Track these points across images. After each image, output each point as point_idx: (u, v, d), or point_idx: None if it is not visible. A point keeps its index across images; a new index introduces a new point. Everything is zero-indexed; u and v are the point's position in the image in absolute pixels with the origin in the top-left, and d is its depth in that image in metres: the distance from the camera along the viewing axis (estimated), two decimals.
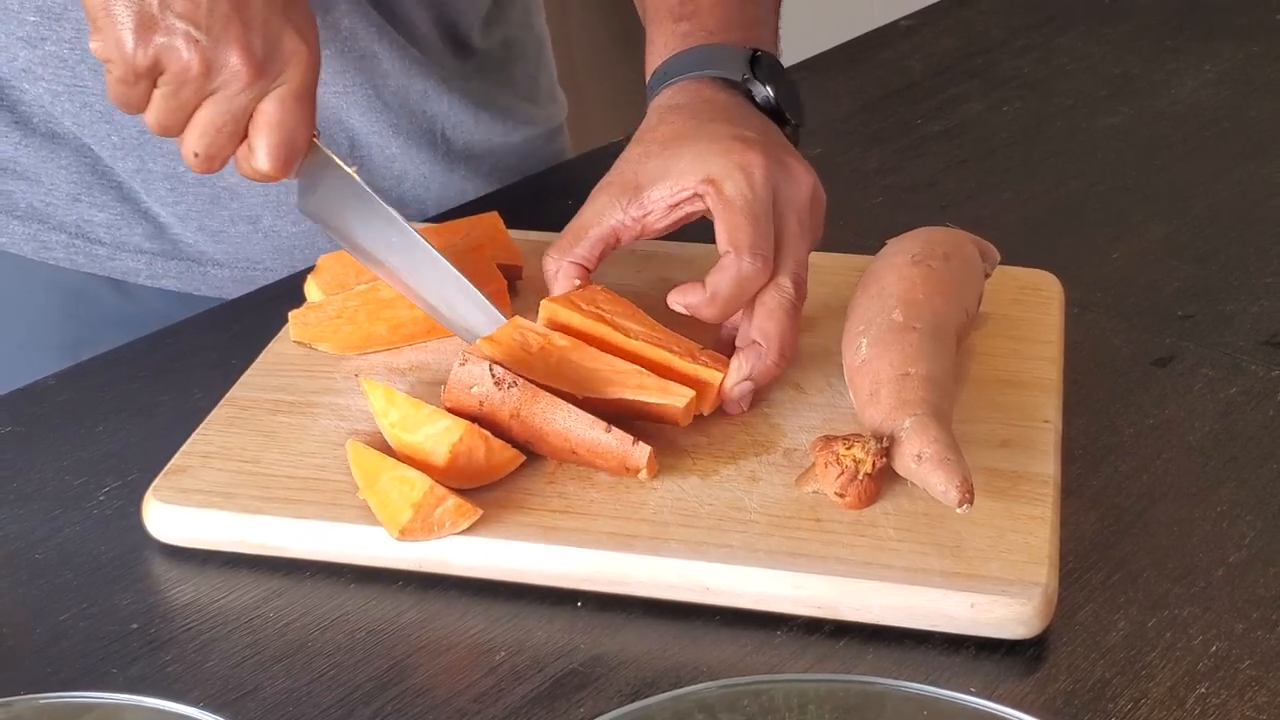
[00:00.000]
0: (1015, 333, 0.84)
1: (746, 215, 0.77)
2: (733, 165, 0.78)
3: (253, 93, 0.74)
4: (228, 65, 0.73)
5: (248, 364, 0.82)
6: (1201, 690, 0.64)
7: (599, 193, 0.81)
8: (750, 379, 0.76)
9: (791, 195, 0.79)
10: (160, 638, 0.67)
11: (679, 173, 0.79)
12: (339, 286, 0.85)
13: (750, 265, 0.76)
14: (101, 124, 0.96)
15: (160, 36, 0.72)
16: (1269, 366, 0.84)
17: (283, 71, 0.75)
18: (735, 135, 0.80)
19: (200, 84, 0.73)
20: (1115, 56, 1.25)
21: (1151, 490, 0.75)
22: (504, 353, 0.75)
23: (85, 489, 0.76)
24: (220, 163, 0.77)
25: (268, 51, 0.74)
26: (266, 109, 0.75)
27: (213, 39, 0.72)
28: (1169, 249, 0.97)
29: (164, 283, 1.00)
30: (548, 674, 0.65)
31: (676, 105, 0.84)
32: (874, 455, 0.70)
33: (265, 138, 0.75)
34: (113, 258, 0.99)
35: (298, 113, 0.75)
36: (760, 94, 0.85)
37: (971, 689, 0.64)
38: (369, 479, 0.70)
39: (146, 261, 1.00)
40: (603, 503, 0.71)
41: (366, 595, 0.69)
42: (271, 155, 0.76)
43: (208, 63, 0.73)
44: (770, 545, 0.69)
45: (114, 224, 0.98)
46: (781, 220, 0.78)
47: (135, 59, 0.73)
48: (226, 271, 1.01)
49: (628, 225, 0.80)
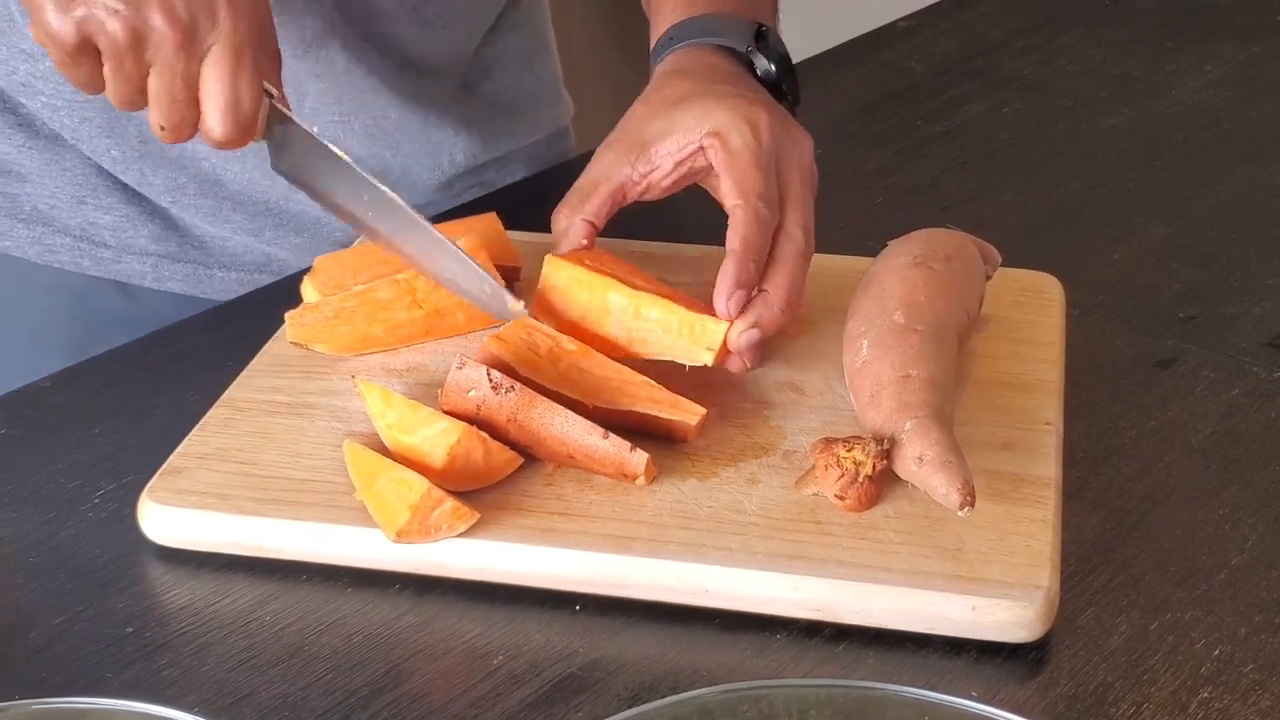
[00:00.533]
0: (1016, 335, 0.83)
1: (753, 165, 0.78)
2: (738, 117, 0.79)
3: (188, 54, 0.73)
4: (154, 30, 0.72)
5: (244, 365, 0.81)
6: (1204, 695, 0.63)
7: (605, 150, 0.81)
8: (757, 327, 0.76)
9: (793, 152, 0.80)
10: (155, 641, 0.67)
11: (684, 128, 0.79)
12: (335, 287, 0.84)
13: (763, 209, 0.77)
14: (102, 138, 0.95)
15: (79, 10, 0.71)
16: (1271, 368, 0.84)
17: (214, 26, 0.73)
18: (738, 94, 0.81)
19: (134, 53, 0.72)
20: (1115, 58, 1.24)
21: (1153, 493, 0.75)
22: (511, 353, 0.74)
23: (80, 491, 0.76)
24: (188, 129, 0.75)
25: (191, 10, 0.72)
26: (206, 71, 0.74)
27: (131, 6, 0.71)
28: (1170, 250, 0.97)
29: (170, 285, 1.00)
30: (545, 678, 0.65)
31: (681, 70, 0.84)
32: (874, 457, 0.69)
33: (211, 101, 0.74)
34: (118, 260, 0.99)
35: (237, 71, 0.74)
36: (762, 66, 0.86)
37: (972, 693, 0.64)
38: (366, 480, 0.69)
39: (153, 264, 0.99)
40: (601, 505, 0.71)
41: (363, 598, 0.69)
42: (219, 119, 0.74)
43: (133, 30, 0.72)
44: (770, 548, 0.68)
45: (120, 226, 0.98)
46: (784, 174, 0.79)
47: (61, 36, 0.72)
48: (234, 275, 1.00)
49: (635, 181, 0.81)
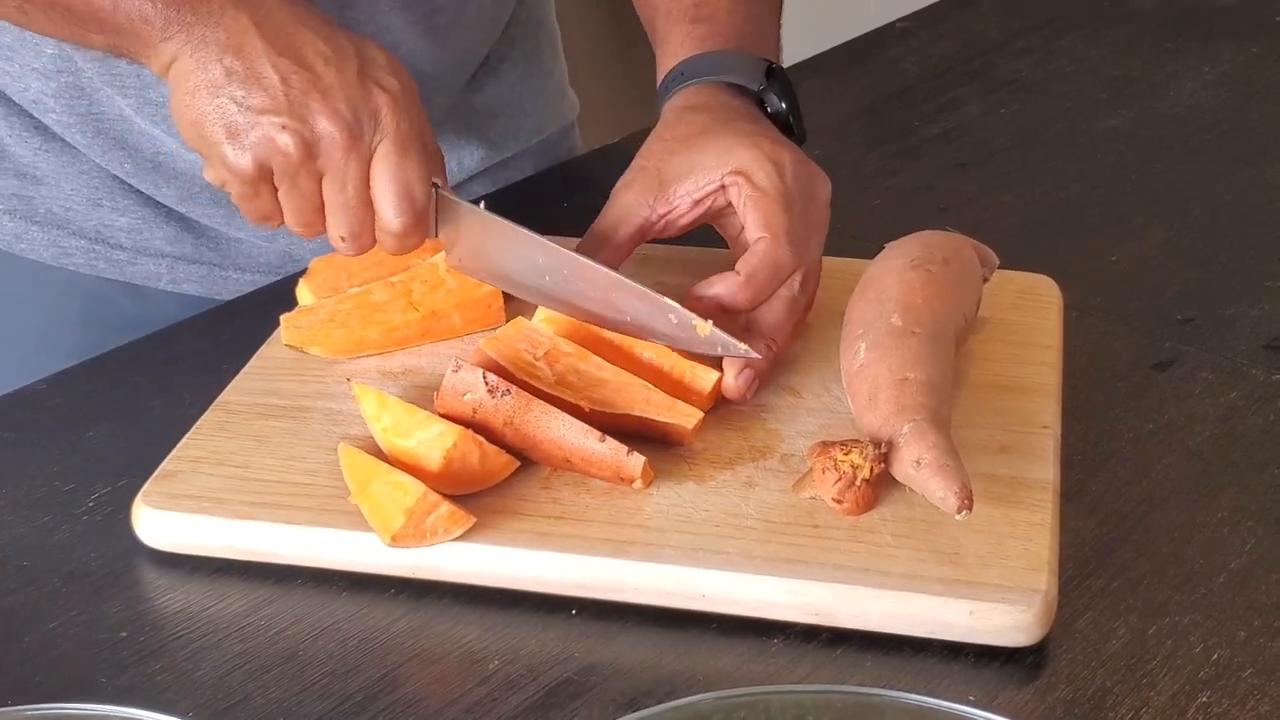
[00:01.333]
0: (1014, 337, 0.83)
1: (780, 203, 0.78)
2: (762, 156, 0.79)
3: (356, 156, 0.74)
4: (323, 136, 0.73)
5: (239, 368, 0.81)
6: (1203, 699, 0.63)
7: (623, 190, 0.81)
8: (751, 368, 0.76)
9: (814, 196, 0.80)
10: (149, 646, 0.67)
11: (705, 167, 0.79)
12: (331, 289, 0.84)
13: (786, 250, 0.77)
14: (115, 150, 0.95)
15: (251, 135, 0.73)
16: (1270, 370, 0.84)
17: (376, 126, 0.74)
18: (759, 132, 0.81)
19: (307, 166, 0.74)
20: (1115, 59, 1.24)
21: (1151, 496, 0.74)
22: (508, 355, 0.74)
23: (74, 495, 0.76)
24: (369, 236, 0.76)
25: (354, 110, 0.73)
26: (376, 168, 0.75)
27: (298, 118, 0.73)
28: (1169, 252, 0.96)
29: (185, 287, 1.00)
30: (541, 683, 0.64)
31: (695, 106, 0.84)
32: (872, 461, 0.69)
33: (383, 196, 0.75)
34: (133, 263, 0.99)
35: (404, 162, 0.75)
36: (774, 105, 0.86)
37: (970, 697, 0.63)
38: (361, 484, 0.69)
39: (168, 266, 0.99)
40: (598, 509, 0.70)
41: (358, 603, 0.68)
42: (394, 209, 0.75)
43: (304, 142, 0.73)
44: (767, 552, 0.68)
45: (135, 228, 0.98)
46: (803, 218, 0.79)
47: (241, 167, 0.73)
48: (249, 276, 1.00)
49: (653, 221, 0.80)
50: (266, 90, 0.73)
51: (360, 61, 0.75)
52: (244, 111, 0.73)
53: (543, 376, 0.74)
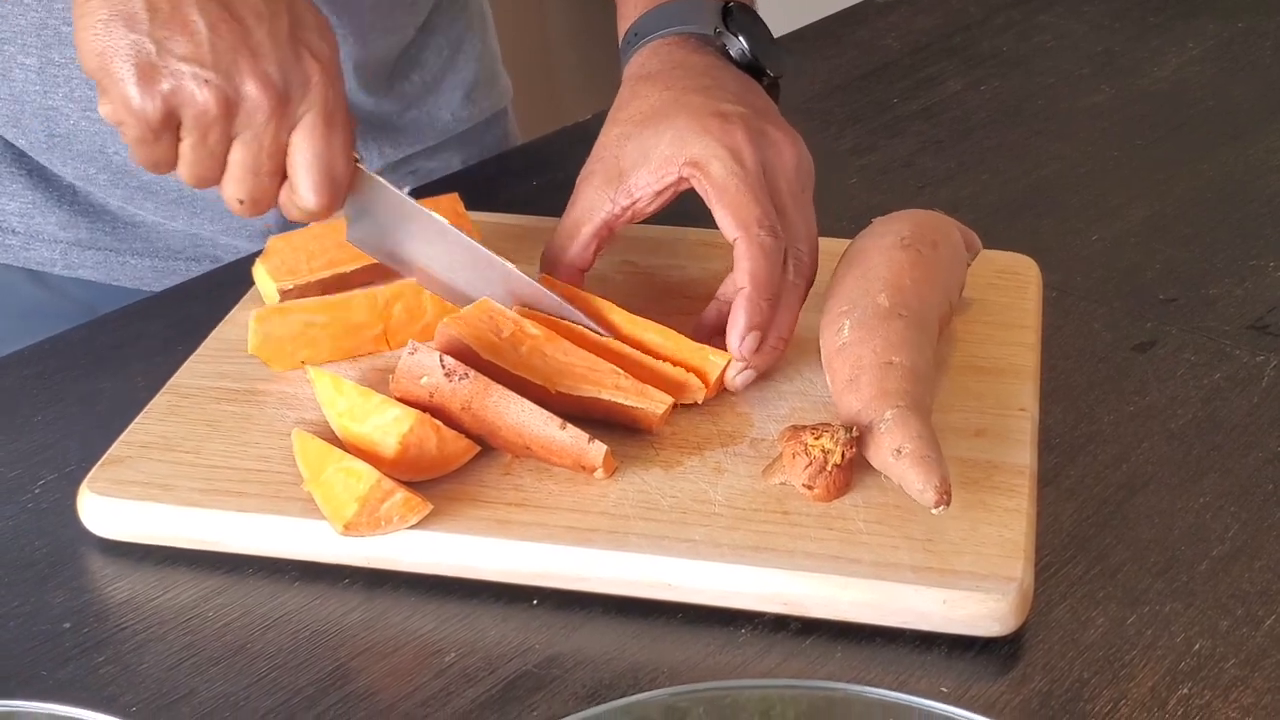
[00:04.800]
0: (991, 318, 0.81)
1: (744, 192, 0.74)
2: (715, 144, 0.75)
3: (280, 124, 0.70)
4: (247, 98, 0.69)
5: (192, 350, 0.78)
6: (1184, 691, 0.61)
7: (583, 185, 0.78)
8: (754, 368, 0.74)
9: (779, 166, 0.76)
10: (94, 638, 0.64)
11: (661, 158, 0.76)
12: (289, 271, 0.81)
13: (768, 238, 0.73)
14: (8, 127, 0.92)
15: (166, 83, 0.68)
16: (1253, 351, 0.82)
17: (305, 95, 0.70)
18: (712, 111, 0.76)
19: (223, 125, 0.69)
20: (1097, 34, 1.22)
21: (1132, 480, 0.72)
22: (472, 334, 0.72)
23: (20, 481, 0.73)
24: (267, 204, 0.72)
25: (284, 76, 0.69)
26: (298, 142, 0.71)
27: (223, 74, 0.68)
28: (1151, 231, 0.94)
29: (80, 273, 0.96)
30: (500, 676, 0.62)
31: (648, 74, 0.81)
32: (843, 445, 0.67)
33: (304, 171, 0.71)
34: (27, 248, 0.95)
35: (330, 138, 0.71)
36: (735, 48, 0.81)
37: (943, 689, 0.61)
38: (314, 471, 0.67)
39: (61, 251, 0.95)
40: (561, 496, 0.68)
41: (310, 594, 0.66)
42: (315, 189, 0.71)
43: (225, 100, 0.69)
44: (735, 539, 0.66)
45: (26, 212, 0.94)
46: (775, 195, 0.75)
47: (146, 112, 0.68)
48: (148, 262, 0.97)
49: (617, 214, 0.77)
50: (192, 37, 0.68)
51: (291, 19, 0.71)
52: (163, 54, 0.68)
53: (507, 356, 0.72)
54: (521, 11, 2.00)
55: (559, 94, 1.87)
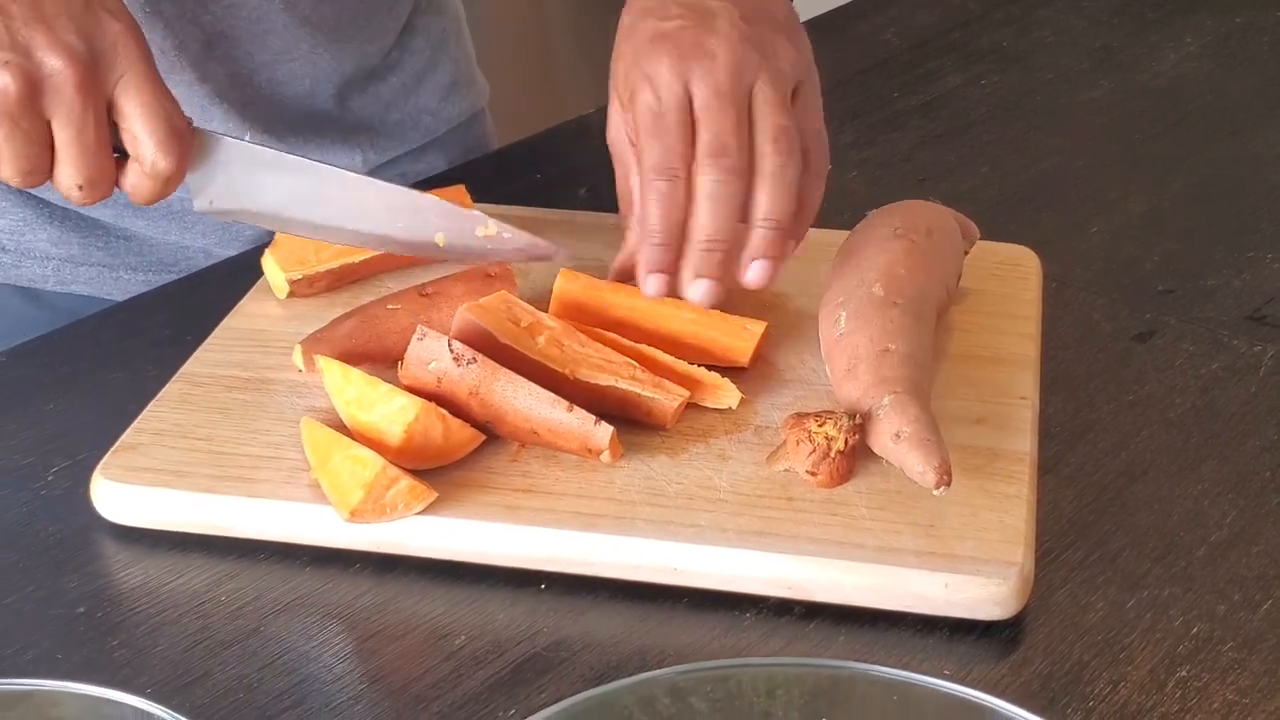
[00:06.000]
0: (992, 308, 0.82)
1: (649, 131, 0.70)
2: (639, 74, 0.70)
3: (93, 91, 0.67)
4: (51, 72, 0.66)
5: (202, 340, 0.79)
6: (1182, 673, 0.62)
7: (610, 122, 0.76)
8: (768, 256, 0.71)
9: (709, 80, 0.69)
10: (108, 622, 0.65)
11: (615, 95, 0.74)
12: (298, 261, 0.82)
13: (661, 182, 0.69)
14: None
15: None
16: (1251, 341, 0.82)
17: (115, 59, 0.68)
18: (653, 32, 0.71)
19: (31, 103, 0.66)
20: (1096, 29, 1.23)
21: (1131, 468, 0.73)
22: (491, 320, 0.72)
23: (34, 469, 0.74)
24: (106, 185, 0.70)
25: (88, 42, 0.67)
26: (127, 104, 0.69)
27: (21, 51, 0.66)
28: (1150, 223, 0.95)
29: (73, 288, 0.95)
30: (509, 658, 0.63)
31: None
32: (846, 432, 0.68)
33: (144, 134, 0.69)
34: (18, 265, 0.94)
35: (158, 93, 0.69)
36: None
37: (945, 671, 0.62)
38: (321, 459, 0.68)
39: (54, 268, 0.94)
40: (568, 482, 0.69)
41: (322, 578, 0.67)
42: (161, 145, 0.69)
43: (27, 77, 0.66)
44: (740, 525, 0.67)
45: (17, 230, 0.93)
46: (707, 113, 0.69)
47: None
48: (141, 276, 0.96)
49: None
50: None
51: None
52: None
53: (526, 344, 0.72)
54: (522, 8, 2.00)
55: (560, 89, 1.88)
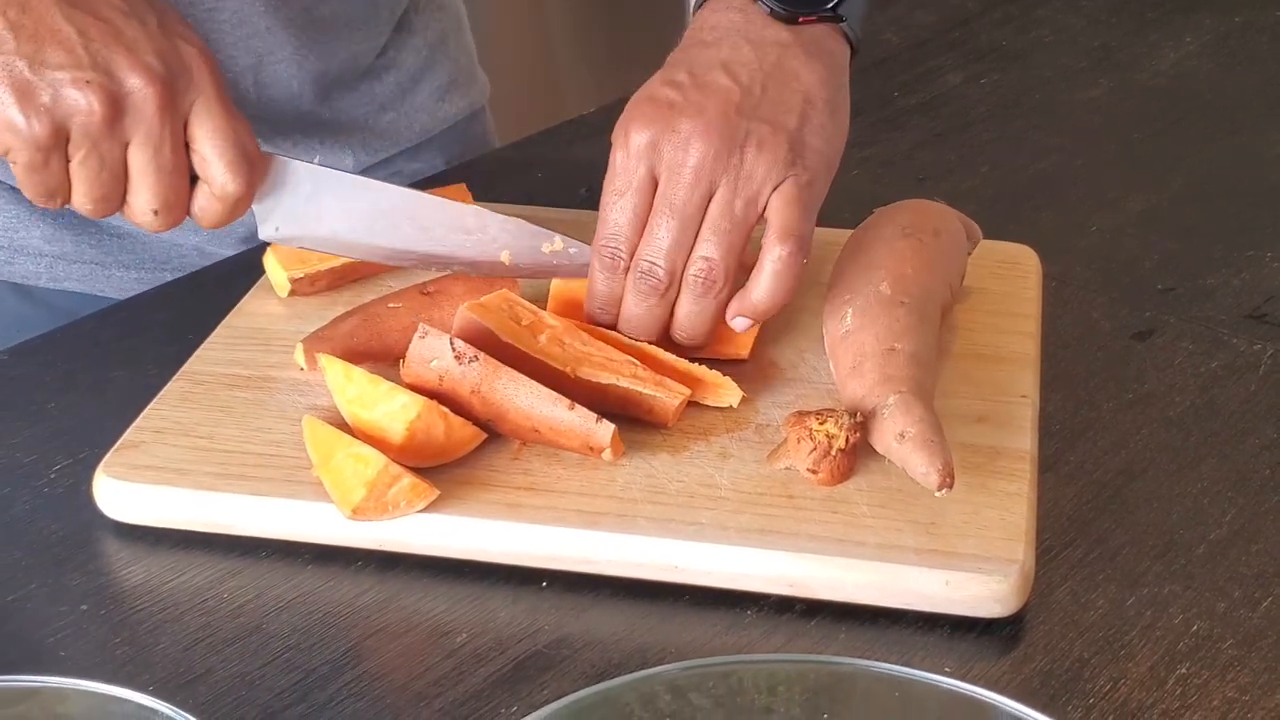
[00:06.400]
0: (993, 307, 0.82)
1: (608, 201, 0.72)
2: (622, 132, 0.72)
3: (172, 113, 0.68)
4: (132, 92, 0.67)
5: (203, 338, 0.79)
6: (1182, 670, 0.62)
7: None
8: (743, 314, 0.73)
9: (671, 179, 0.71)
10: (110, 619, 0.65)
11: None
12: (299, 260, 0.82)
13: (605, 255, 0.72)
14: None
15: (45, 94, 0.66)
16: (1250, 340, 0.83)
17: (190, 81, 0.69)
18: (647, 93, 0.73)
19: (112, 126, 0.67)
20: (1095, 28, 1.23)
21: (1131, 466, 0.73)
22: (492, 319, 0.72)
23: (35, 466, 0.74)
24: (181, 209, 0.71)
25: (166, 64, 0.68)
26: (200, 128, 0.69)
27: (102, 72, 0.67)
28: (1149, 222, 0.96)
29: (67, 285, 0.95)
30: (510, 656, 0.63)
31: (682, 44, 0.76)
32: (847, 430, 0.68)
33: (215, 157, 0.70)
34: (11, 262, 0.94)
35: (230, 116, 0.70)
36: (765, 2, 0.74)
37: (946, 668, 0.62)
38: (324, 456, 0.68)
39: (47, 265, 0.94)
40: (569, 480, 0.69)
41: (324, 576, 0.67)
42: (231, 168, 0.70)
43: (109, 97, 0.67)
44: (741, 523, 0.67)
45: (10, 227, 0.93)
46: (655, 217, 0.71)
47: (34, 132, 0.66)
48: (134, 274, 0.96)
49: None
50: (62, 45, 0.67)
51: (158, 15, 0.70)
52: (36, 69, 0.66)
53: (527, 342, 0.72)
54: (522, 8, 2.01)
55: (560, 89, 1.88)
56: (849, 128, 0.76)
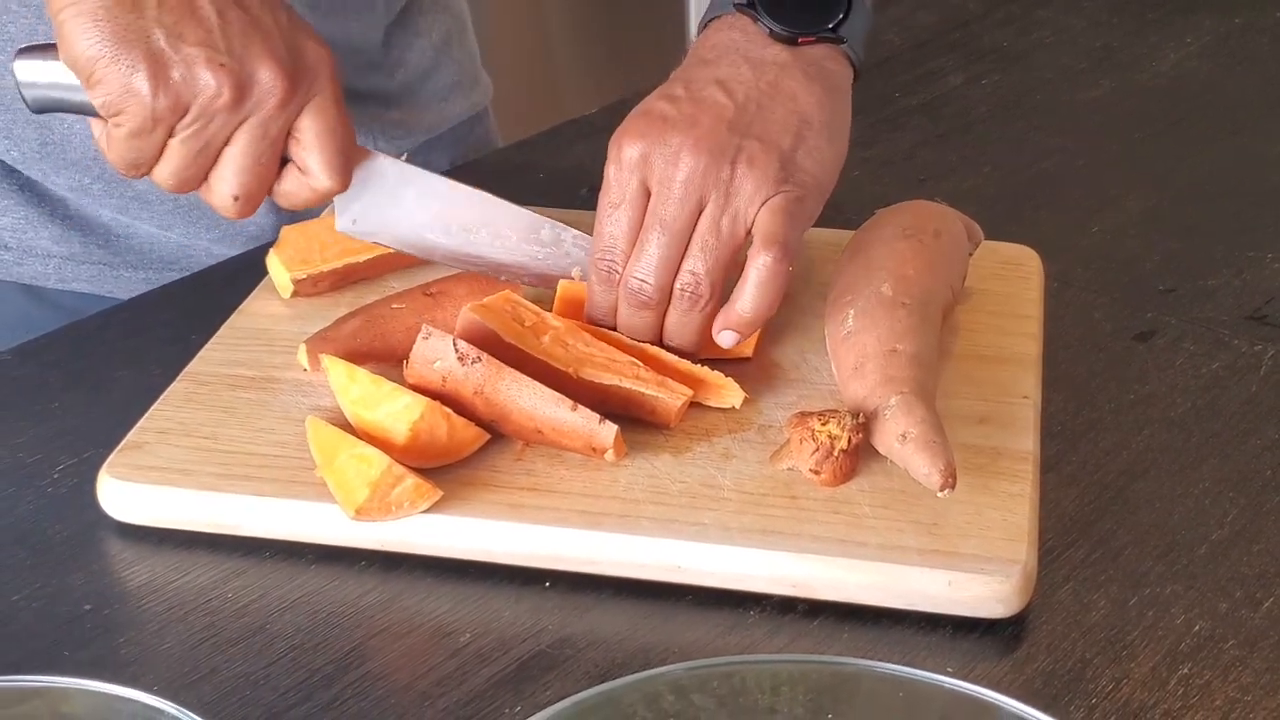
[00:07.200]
0: (995, 308, 0.82)
1: (604, 213, 0.73)
2: (616, 144, 0.73)
3: (290, 109, 0.69)
4: (260, 82, 0.68)
5: (207, 339, 0.79)
6: (1184, 671, 0.62)
7: None
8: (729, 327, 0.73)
9: (663, 174, 0.71)
10: (114, 619, 0.65)
11: None
12: (302, 261, 0.82)
13: (602, 269, 0.73)
14: (2, 138, 0.90)
15: (178, 71, 0.67)
16: (1251, 341, 0.83)
17: (314, 80, 0.70)
18: (643, 108, 0.73)
19: (232, 111, 0.68)
20: (1095, 29, 1.23)
21: (1132, 467, 0.74)
22: (495, 320, 0.72)
23: (39, 467, 0.74)
24: (261, 199, 0.71)
25: (295, 59, 0.69)
26: (309, 123, 0.70)
27: (236, 57, 0.67)
28: (1150, 223, 0.96)
29: (75, 285, 0.95)
30: (514, 656, 0.63)
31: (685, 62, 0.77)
32: (850, 431, 0.68)
33: (320, 154, 0.70)
34: (20, 263, 0.94)
35: (342, 118, 0.71)
36: (765, 22, 0.74)
37: (948, 669, 0.63)
38: (327, 457, 0.68)
39: (56, 266, 0.94)
40: (572, 480, 0.69)
41: (327, 576, 0.67)
42: (330, 166, 0.71)
43: (238, 83, 0.67)
44: (744, 523, 0.67)
45: (19, 228, 0.93)
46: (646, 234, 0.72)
47: (156, 103, 0.67)
48: (142, 274, 0.96)
49: None
50: (201, 23, 0.67)
51: (289, 11, 0.71)
52: (173, 41, 0.67)
53: (530, 343, 0.73)
54: (523, 8, 2.01)
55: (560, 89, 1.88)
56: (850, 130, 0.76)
